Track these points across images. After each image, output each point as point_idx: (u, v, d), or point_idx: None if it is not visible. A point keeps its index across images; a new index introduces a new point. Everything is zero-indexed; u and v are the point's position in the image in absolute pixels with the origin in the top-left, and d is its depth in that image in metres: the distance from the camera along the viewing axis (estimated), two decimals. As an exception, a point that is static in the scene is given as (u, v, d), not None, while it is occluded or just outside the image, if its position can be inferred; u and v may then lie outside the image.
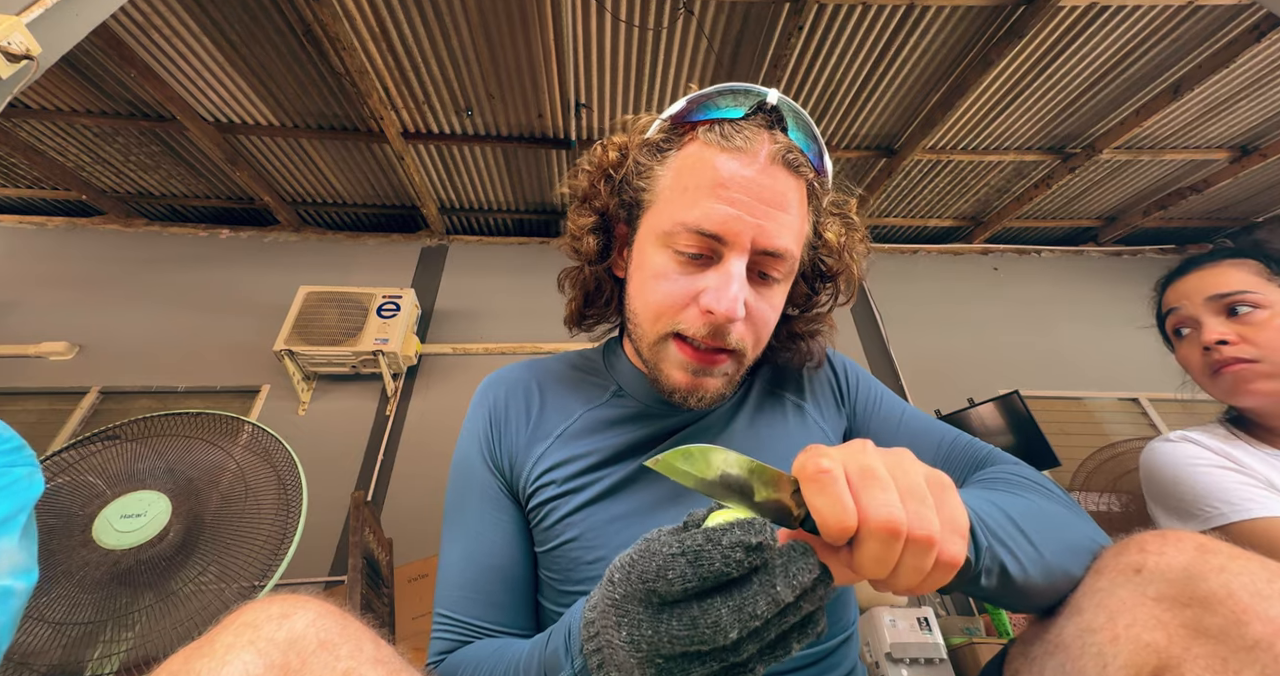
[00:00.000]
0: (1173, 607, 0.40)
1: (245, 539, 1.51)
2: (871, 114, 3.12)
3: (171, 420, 1.70)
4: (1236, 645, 0.36)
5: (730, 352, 0.58)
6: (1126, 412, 3.44)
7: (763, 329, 0.60)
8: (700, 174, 0.57)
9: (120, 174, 3.44)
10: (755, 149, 0.56)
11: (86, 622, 1.35)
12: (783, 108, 0.59)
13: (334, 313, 3.03)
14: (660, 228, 0.59)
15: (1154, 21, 2.57)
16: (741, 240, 0.55)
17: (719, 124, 0.58)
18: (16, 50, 0.99)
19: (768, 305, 0.59)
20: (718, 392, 0.60)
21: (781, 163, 0.57)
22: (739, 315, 0.55)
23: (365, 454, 2.95)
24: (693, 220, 0.56)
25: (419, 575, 2.30)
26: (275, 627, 0.37)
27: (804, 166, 0.58)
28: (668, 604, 0.32)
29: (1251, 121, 3.17)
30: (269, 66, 2.74)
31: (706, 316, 0.56)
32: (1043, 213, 4.05)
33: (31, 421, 2.90)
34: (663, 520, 0.57)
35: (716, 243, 0.56)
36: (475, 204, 3.80)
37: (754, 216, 0.55)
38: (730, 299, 0.54)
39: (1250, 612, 0.36)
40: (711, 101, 0.60)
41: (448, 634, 0.59)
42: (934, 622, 2.14)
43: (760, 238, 0.55)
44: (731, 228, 0.55)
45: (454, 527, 0.67)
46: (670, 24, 2.54)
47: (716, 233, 0.55)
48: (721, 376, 0.60)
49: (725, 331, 0.56)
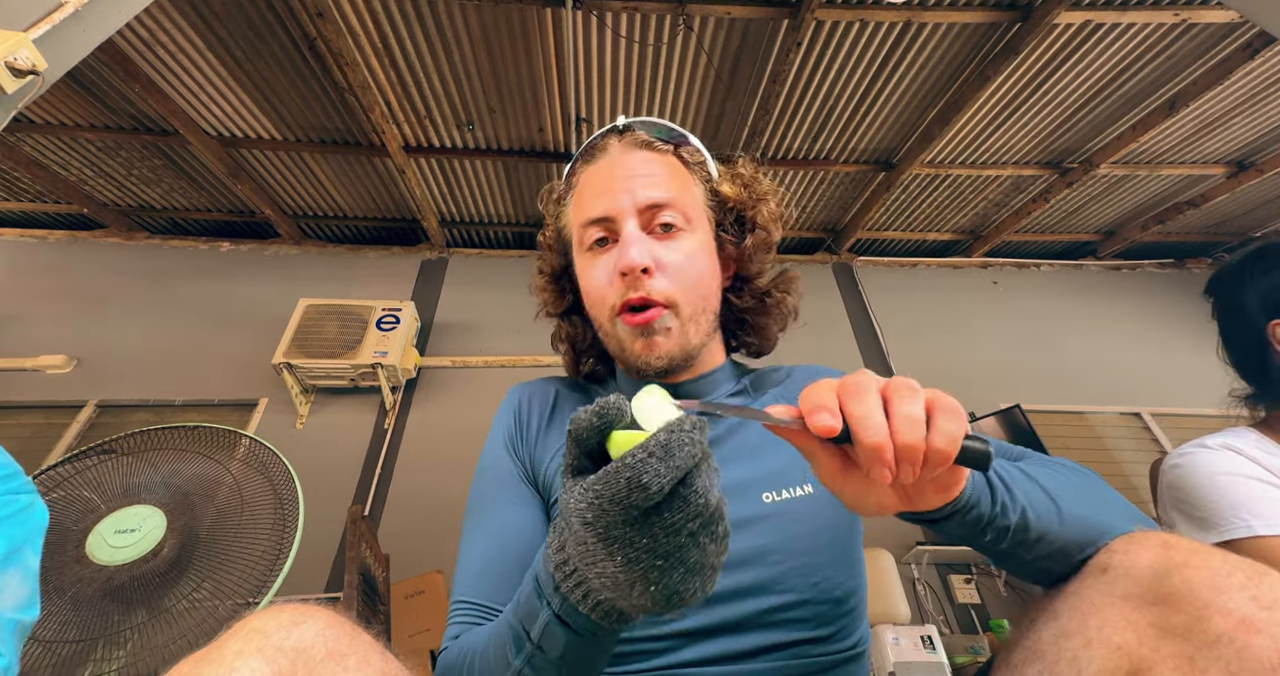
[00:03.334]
0: (1140, 606, 0.40)
1: (240, 554, 1.49)
2: (870, 129, 3.15)
3: (168, 434, 1.69)
4: (1200, 641, 0.36)
5: (662, 306, 0.63)
6: (1128, 427, 3.43)
7: (684, 275, 0.64)
8: (583, 188, 0.70)
9: (122, 187, 3.45)
10: (610, 149, 0.70)
11: (77, 640, 1.33)
12: (632, 123, 0.72)
13: (333, 325, 3.02)
14: (576, 240, 0.70)
15: (1148, 39, 2.60)
16: (622, 207, 0.64)
17: (585, 153, 0.73)
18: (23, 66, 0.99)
19: (680, 254, 0.64)
20: (669, 350, 0.64)
21: (635, 146, 0.69)
22: (638, 261, 0.61)
23: (363, 468, 2.93)
24: (584, 216, 0.67)
25: (416, 592, 2.27)
26: (284, 635, 0.37)
27: (656, 144, 0.70)
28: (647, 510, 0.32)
29: (1247, 137, 3.19)
30: (272, 81, 2.76)
31: (621, 279, 0.63)
32: (1041, 227, 4.07)
33: (27, 435, 2.88)
34: None
35: (608, 223, 0.65)
36: (476, 217, 3.81)
37: (624, 187, 0.65)
38: (629, 254, 0.61)
39: (1210, 607, 0.37)
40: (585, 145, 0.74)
41: (464, 618, 0.58)
42: (938, 641, 2.12)
43: (636, 198, 0.64)
44: (610, 203, 0.65)
45: (476, 519, 0.67)
46: (670, 40, 2.57)
47: (602, 214, 0.65)
48: (665, 333, 0.64)
49: (640, 282, 0.62)
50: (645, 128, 0.72)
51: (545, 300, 0.80)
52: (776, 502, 0.59)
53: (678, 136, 0.72)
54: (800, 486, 0.60)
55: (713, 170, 0.73)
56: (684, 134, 0.72)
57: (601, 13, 2.43)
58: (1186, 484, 0.87)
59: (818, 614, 0.56)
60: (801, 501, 0.59)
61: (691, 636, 0.55)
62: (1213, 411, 0.97)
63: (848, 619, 0.59)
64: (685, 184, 0.69)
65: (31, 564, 0.73)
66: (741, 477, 0.60)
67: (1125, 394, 3.52)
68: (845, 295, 4.00)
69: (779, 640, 0.54)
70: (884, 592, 2.32)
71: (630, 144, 0.70)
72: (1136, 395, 3.51)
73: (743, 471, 0.61)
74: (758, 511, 0.58)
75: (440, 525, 2.71)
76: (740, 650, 0.54)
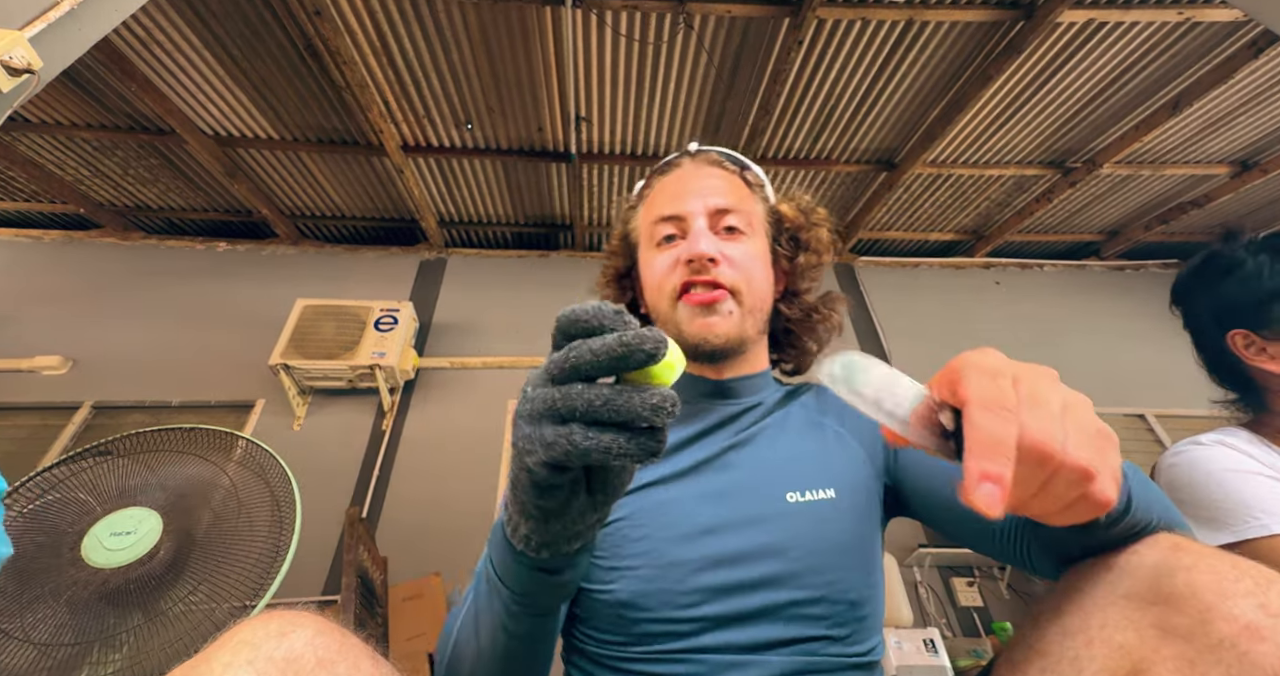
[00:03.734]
0: (1141, 605, 0.40)
1: (237, 557, 1.47)
2: (871, 128, 3.13)
3: (164, 435, 1.67)
4: (1202, 645, 0.36)
5: (725, 290, 0.68)
6: (1132, 429, 3.41)
7: (748, 269, 0.70)
8: (656, 195, 0.78)
9: (118, 187, 3.44)
10: (684, 164, 0.79)
11: (72, 644, 1.31)
12: (704, 148, 0.81)
13: (331, 326, 3.01)
14: (645, 238, 0.77)
15: (1152, 37, 2.59)
16: (693, 207, 0.72)
17: (661, 167, 0.82)
18: (18, 64, 0.98)
19: (742, 251, 0.71)
20: (728, 331, 0.68)
21: (707, 162, 0.78)
22: (706, 250, 0.67)
23: (360, 470, 2.92)
24: (656, 214, 0.75)
25: (414, 595, 2.26)
26: (274, 646, 0.37)
27: (727, 163, 0.78)
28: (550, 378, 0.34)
29: (1251, 137, 3.18)
30: (269, 80, 2.75)
31: (688, 264, 0.68)
32: (1044, 227, 4.06)
33: (23, 437, 2.86)
34: (703, 511, 0.62)
35: (678, 221, 0.72)
36: (474, 217, 3.80)
37: (696, 192, 0.73)
38: (699, 244, 0.68)
39: (1214, 611, 0.36)
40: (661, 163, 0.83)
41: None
42: (940, 644, 2.11)
43: (706, 201, 0.72)
44: (682, 203, 0.73)
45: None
46: (670, 39, 2.55)
47: (674, 212, 0.72)
48: (726, 315, 0.68)
49: (706, 267, 0.67)
50: (716, 152, 0.80)
51: (605, 297, 0.85)
52: (799, 503, 0.61)
53: (743, 163, 0.81)
54: (824, 489, 0.62)
55: (770, 194, 0.82)
56: (748, 163, 0.81)
57: (601, 11, 2.42)
58: (1187, 482, 0.84)
59: (833, 613, 0.57)
60: (824, 504, 0.61)
61: (713, 621, 0.56)
62: (1216, 413, 0.96)
63: (861, 624, 0.60)
64: (749, 199, 0.76)
65: None
66: (769, 475, 0.64)
67: (1129, 395, 3.51)
68: (847, 295, 3.95)
69: (796, 634, 0.56)
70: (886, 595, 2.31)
71: (703, 161, 0.78)
72: (1140, 396, 3.50)
73: (771, 469, 0.64)
74: (781, 509, 0.61)
75: (439, 527, 2.70)
76: (758, 640, 0.56)
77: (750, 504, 0.61)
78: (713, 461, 0.66)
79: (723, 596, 0.57)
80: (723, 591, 0.57)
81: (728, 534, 0.59)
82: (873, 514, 0.65)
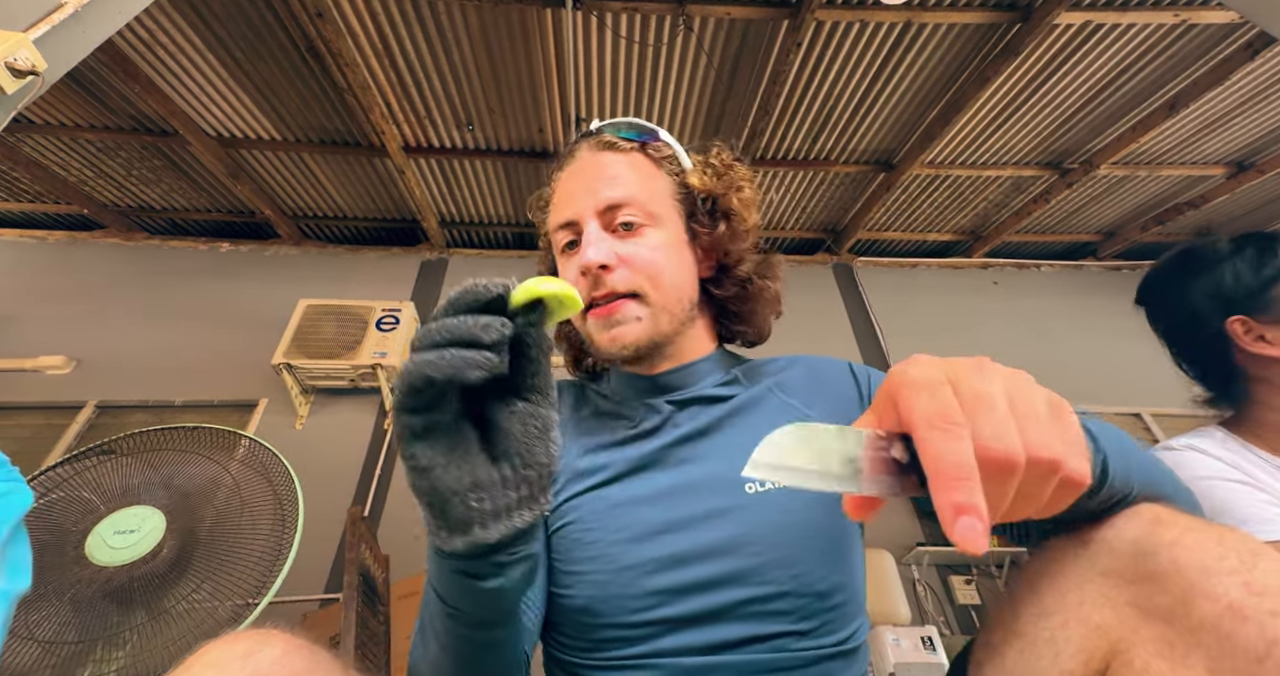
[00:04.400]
0: (1119, 584, 0.38)
1: (240, 555, 1.49)
2: (870, 129, 3.15)
3: (167, 434, 1.69)
4: (1183, 626, 0.34)
5: (628, 296, 0.64)
6: (1129, 427, 3.42)
7: (650, 267, 0.65)
8: (555, 194, 0.72)
9: (122, 188, 3.45)
10: (579, 153, 0.72)
11: (77, 641, 1.33)
12: (603, 126, 0.74)
13: (333, 326, 3.02)
14: (554, 246, 0.72)
15: (1148, 39, 2.60)
16: (583, 209, 0.66)
17: (562, 157, 0.75)
18: (22, 66, 0.99)
19: (644, 247, 0.66)
20: (636, 338, 0.65)
21: (600, 148, 0.71)
22: (594, 259, 0.62)
23: (363, 469, 2.93)
24: (554, 221, 0.70)
25: (416, 592, 2.27)
26: (239, 667, 0.37)
27: (620, 144, 0.71)
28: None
29: (1247, 138, 3.19)
30: (272, 81, 2.76)
31: (583, 278, 0.64)
32: (1042, 227, 4.07)
33: (27, 436, 2.88)
34: (656, 510, 0.60)
35: (574, 226, 0.67)
36: (475, 217, 3.81)
37: (587, 191, 0.67)
38: (586, 253, 0.63)
39: (1196, 590, 0.34)
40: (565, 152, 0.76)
41: None
42: (938, 642, 2.12)
43: (597, 200, 0.66)
44: (572, 206, 0.67)
45: None
46: (670, 40, 2.56)
47: (567, 218, 0.67)
48: (633, 321, 0.65)
49: (601, 279, 0.64)
50: (613, 128, 0.73)
51: None
52: (759, 493, 0.58)
53: (646, 134, 0.73)
54: None
55: (685, 162, 0.73)
56: (653, 130, 0.73)
57: (601, 13, 2.43)
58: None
59: (799, 607, 0.55)
60: (783, 493, 0.58)
61: (670, 624, 0.55)
62: (1213, 411, 0.96)
63: (833, 614, 0.57)
64: (649, 180, 0.70)
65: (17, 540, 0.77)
66: (727, 466, 0.60)
67: (1125, 394, 3.52)
68: (845, 296, 3.99)
69: (759, 632, 0.54)
70: (884, 593, 2.32)
71: (595, 146, 0.71)
72: (1137, 395, 3.51)
73: (729, 460, 0.61)
74: (740, 501, 0.58)
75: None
76: (719, 640, 0.54)
77: (706, 499, 0.59)
78: (666, 457, 0.64)
79: (678, 598, 0.55)
80: (678, 592, 0.55)
81: (681, 532, 0.57)
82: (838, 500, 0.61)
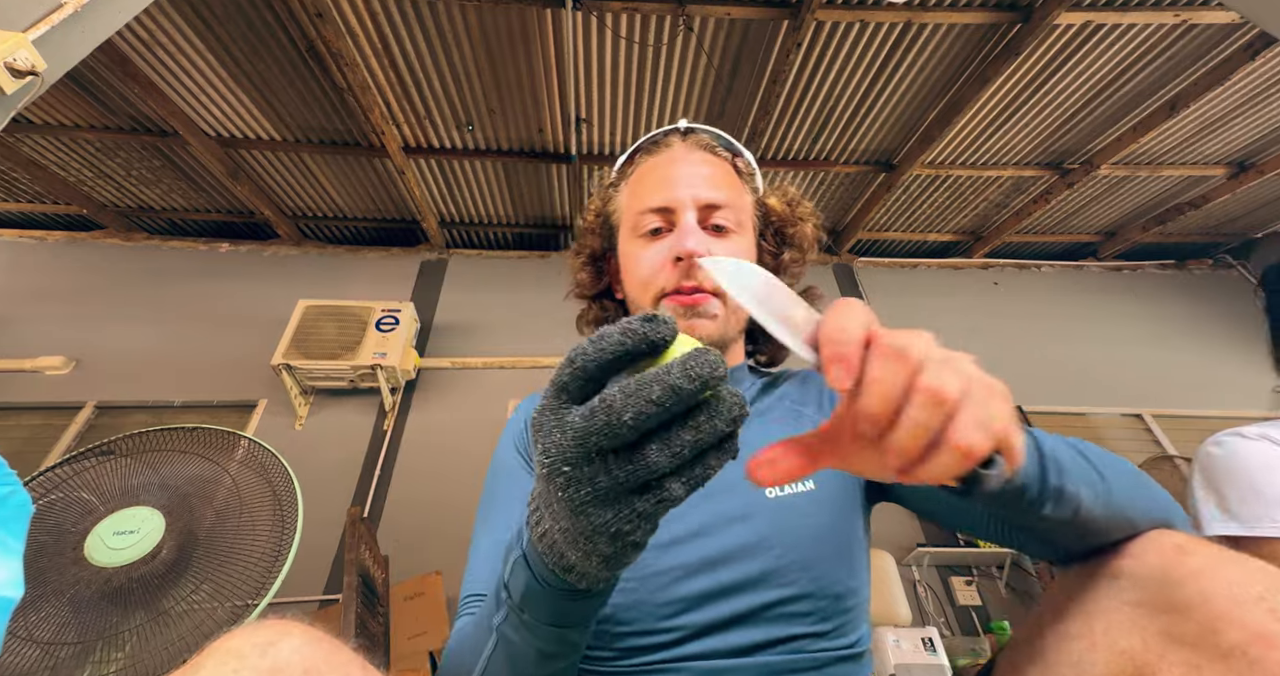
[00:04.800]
0: (1150, 613, 0.39)
1: (239, 556, 1.48)
2: (870, 129, 3.15)
3: (167, 435, 1.68)
4: (1212, 653, 0.35)
5: (710, 294, 0.66)
6: (1129, 428, 3.42)
7: None
8: (642, 178, 0.73)
9: (121, 188, 3.45)
10: (674, 145, 0.74)
11: (76, 642, 1.32)
12: (695, 127, 0.76)
13: (332, 326, 3.02)
14: (628, 226, 0.73)
15: (1149, 40, 2.60)
16: (682, 200, 0.67)
17: (647, 144, 0.77)
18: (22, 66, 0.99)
19: (730, 250, 0.68)
20: (710, 334, 0.66)
21: (697, 147, 0.73)
22: (697, 248, 0.64)
23: (362, 469, 2.93)
24: (642, 204, 0.70)
25: (415, 593, 2.26)
26: (260, 655, 0.36)
27: (718, 149, 0.74)
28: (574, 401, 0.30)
29: (1248, 138, 3.19)
30: (272, 82, 2.76)
31: (676, 264, 0.65)
32: (1042, 227, 4.07)
33: (25, 436, 2.87)
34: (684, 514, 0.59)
35: (666, 213, 0.68)
36: (475, 218, 3.81)
37: (686, 182, 0.69)
38: (690, 240, 0.64)
39: (1224, 619, 0.35)
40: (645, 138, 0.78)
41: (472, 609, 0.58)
42: (939, 643, 2.11)
43: (697, 194, 0.68)
44: (671, 193, 0.68)
45: (484, 516, 0.67)
46: (670, 40, 2.56)
47: (662, 204, 0.68)
48: (710, 318, 0.66)
49: (695, 271, 0.65)
50: (708, 134, 0.76)
51: (581, 281, 0.82)
52: (779, 497, 0.59)
53: (735, 148, 0.76)
54: (803, 482, 0.60)
55: (760, 184, 0.77)
56: (740, 148, 0.76)
57: (601, 13, 2.43)
58: (1222, 470, 0.87)
59: (818, 608, 0.56)
60: (803, 497, 0.59)
61: (697, 629, 0.55)
62: (1214, 412, 0.97)
63: (847, 616, 0.58)
64: (739, 190, 0.72)
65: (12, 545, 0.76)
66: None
67: (1126, 395, 3.52)
68: (845, 296, 3.98)
69: (780, 634, 0.54)
70: (885, 594, 2.32)
71: (694, 144, 0.73)
72: (1138, 396, 3.51)
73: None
74: (762, 505, 0.59)
75: (439, 526, 2.71)
76: (742, 645, 0.54)
77: (731, 503, 0.59)
78: None
79: (704, 603, 0.55)
80: (704, 598, 0.55)
81: (707, 537, 0.58)
82: (854, 502, 0.63)
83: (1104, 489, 0.43)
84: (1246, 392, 3.48)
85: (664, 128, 0.78)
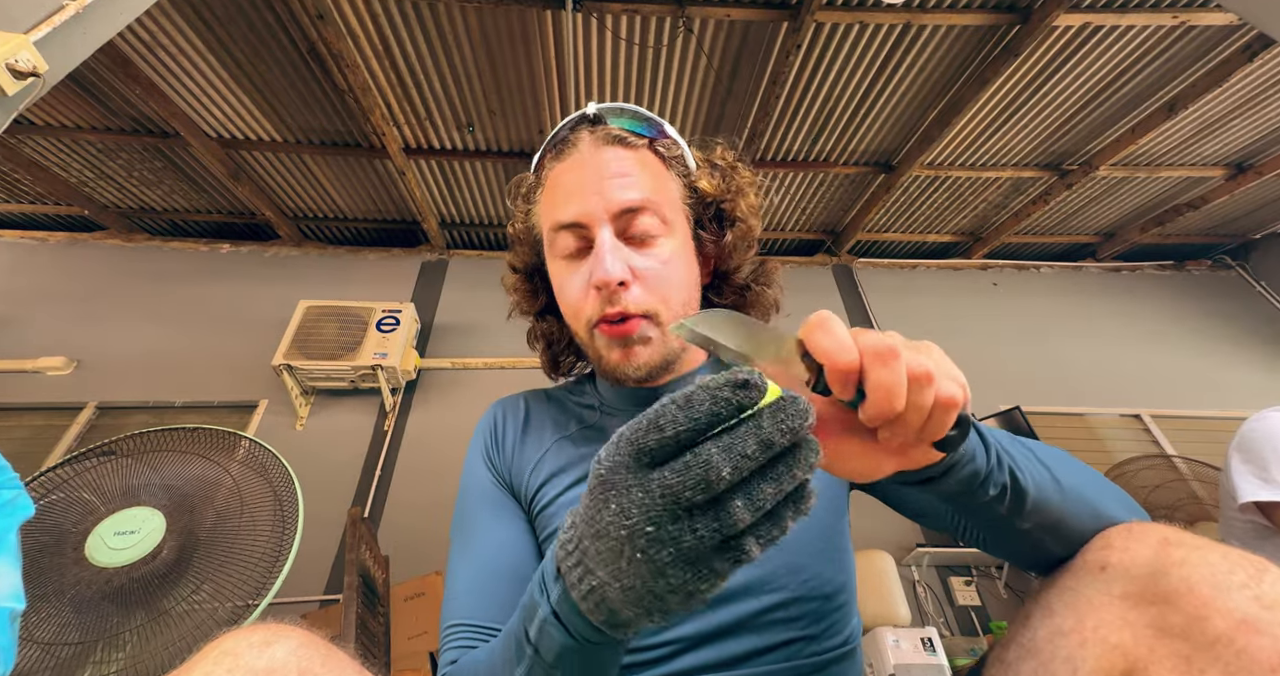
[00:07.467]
0: (1138, 605, 0.40)
1: (240, 556, 1.49)
2: (869, 130, 3.15)
3: (168, 435, 1.69)
4: (1199, 642, 0.36)
5: (640, 317, 0.61)
6: (1129, 429, 3.42)
7: (663, 285, 0.62)
8: (553, 187, 0.66)
9: (122, 189, 3.45)
10: (580, 145, 0.65)
11: (76, 643, 1.33)
12: (601, 111, 0.68)
13: (333, 327, 3.02)
14: (547, 243, 0.67)
15: (1147, 41, 2.60)
16: (595, 213, 0.61)
17: (553, 145, 0.68)
18: (23, 68, 1.00)
19: (656, 261, 0.62)
20: (649, 359, 0.62)
21: (606, 142, 0.65)
22: (614, 275, 0.58)
23: (363, 469, 2.93)
24: (554, 220, 0.64)
25: (416, 593, 2.26)
26: (255, 656, 0.37)
27: (630, 138, 0.65)
28: (657, 462, 0.29)
29: (1246, 139, 3.20)
30: (273, 83, 2.77)
31: (596, 292, 0.60)
32: (1041, 228, 4.07)
33: (27, 437, 2.88)
34: None
35: (581, 230, 0.62)
36: (476, 219, 3.81)
37: (596, 191, 0.61)
38: (604, 267, 0.58)
39: (1210, 606, 0.36)
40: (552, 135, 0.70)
41: (459, 641, 0.57)
42: (938, 643, 2.11)
43: (610, 203, 0.61)
44: (581, 207, 0.61)
45: (461, 540, 0.66)
46: (670, 42, 2.57)
47: (574, 219, 0.62)
48: (645, 343, 0.62)
49: (617, 297, 0.60)
50: (618, 117, 0.67)
51: (518, 300, 0.79)
52: None
53: (654, 128, 0.68)
54: None
55: (691, 162, 0.70)
56: (660, 123, 0.68)
57: (601, 15, 2.44)
58: (1259, 438, 0.94)
59: (808, 612, 0.55)
60: None
61: (688, 642, 0.54)
62: (1213, 413, 1.01)
63: (838, 614, 0.58)
64: (661, 182, 0.65)
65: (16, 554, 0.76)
66: None
67: (1125, 396, 3.52)
68: (845, 297, 4.00)
69: (771, 642, 0.54)
70: (884, 594, 2.32)
71: (602, 140, 0.65)
72: (1137, 397, 3.51)
73: None
74: None
75: (440, 527, 2.70)
76: (733, 655, 0.54)
77: None
78: None
79: (695, 615, 0.54)
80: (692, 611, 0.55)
81: None
82: (837, 497, 0.63)
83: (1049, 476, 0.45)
84: (1246, 393, 3.49)
85: (570, 118, 0.70)
